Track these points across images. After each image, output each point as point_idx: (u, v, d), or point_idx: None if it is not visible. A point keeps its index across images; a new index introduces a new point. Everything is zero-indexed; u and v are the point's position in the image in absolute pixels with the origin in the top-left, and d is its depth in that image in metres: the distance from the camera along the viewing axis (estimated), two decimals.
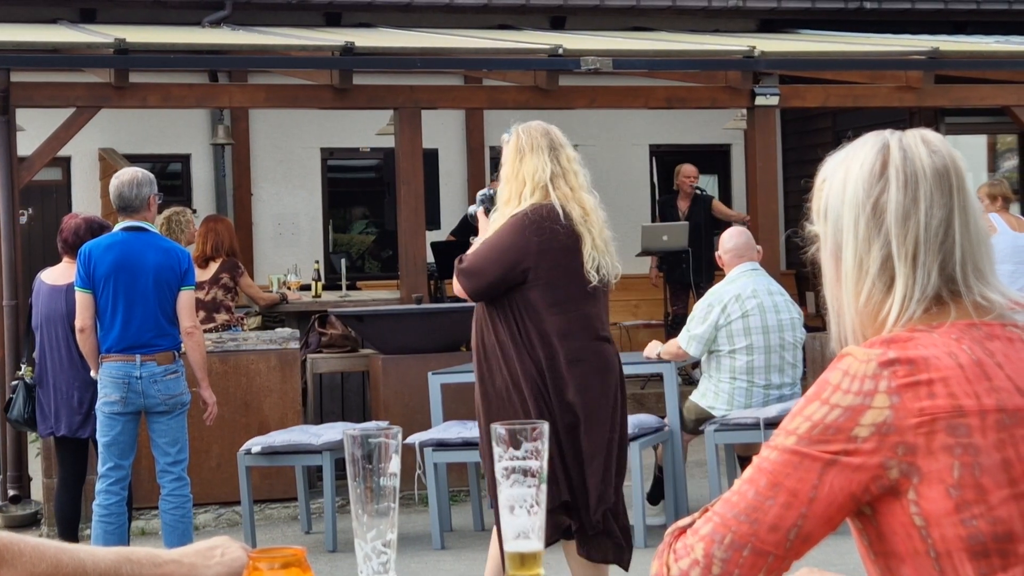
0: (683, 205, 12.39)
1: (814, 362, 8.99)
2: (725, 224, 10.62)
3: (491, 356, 4.94)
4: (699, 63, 10.70)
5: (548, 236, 4.82)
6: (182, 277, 6.55)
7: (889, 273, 1.77)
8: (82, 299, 6.52)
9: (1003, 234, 9.50)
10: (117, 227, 6.62)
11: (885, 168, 1.79)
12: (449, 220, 13.11)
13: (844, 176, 1.81)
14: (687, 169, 12.49)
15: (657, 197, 14.25)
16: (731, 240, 7.60)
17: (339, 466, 7.45)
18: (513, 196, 4.90)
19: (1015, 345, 1.76)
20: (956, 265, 1.77)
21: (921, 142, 1.81)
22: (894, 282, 1.76)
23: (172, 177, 13.45)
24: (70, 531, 7.03)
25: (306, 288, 11.09)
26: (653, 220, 13.81)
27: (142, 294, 6.47)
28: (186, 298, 6.56)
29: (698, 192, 12.47)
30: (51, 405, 7.02)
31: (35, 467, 8.77)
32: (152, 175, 6.69)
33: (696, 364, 9.14)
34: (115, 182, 6.60)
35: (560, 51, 10.00)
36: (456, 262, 5.06)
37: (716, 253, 7.79)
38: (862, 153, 1.81)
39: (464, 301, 5.13)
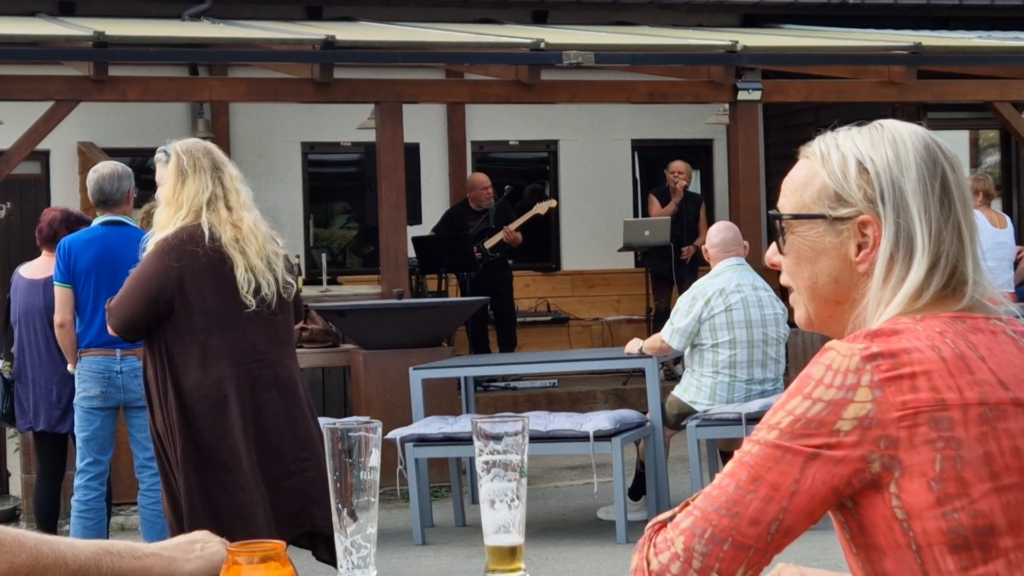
0: (668, 204, 12.30)
1: (796, 358, 9.01)
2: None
3: (151, 391, 4.84)
4: (681, 58, 10.71)
5: (189, 260, 4.67)
6: None
7: (956, 255, 1.75)
8: (61, 294, 6.48)
9: (984, 231, 9.50)
10: (96, 221, 6.60)
11: (935, 150, 1.77)
12: (431, 215, 13.11)
13: (895, 157, 1.77)
14: (673, 165, 12.48)
15: (639, 191, 14.25)
16: (718, 235, 7.61)
17: None
18: (169, 221, 4.77)
19: (998, 338, 1.75)
20: (979, 253, 1.78)
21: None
22: (959, 264, 1.75)
23: (152, 171, 13.38)
24: (49, 526, 7.00)
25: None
26: (635, 215, 13.81)
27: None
28: None
29: (688, 190, 12.47)
30: (30, 400, 6.99)
31: (14, 462, 8.74)
32: (130, 169, 6.68)
33: (678, 360, 9.15)
34: (94, 176, 6.57)
35: (542, 45, 9.99)
36: (107, 303, 4.96)
37: (703, 247, 7.80)
38: (902, 136, 1.78)
39: (445, 295, 5.09)
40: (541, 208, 12.19)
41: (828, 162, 1.80)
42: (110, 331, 4.94)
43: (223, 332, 4.73)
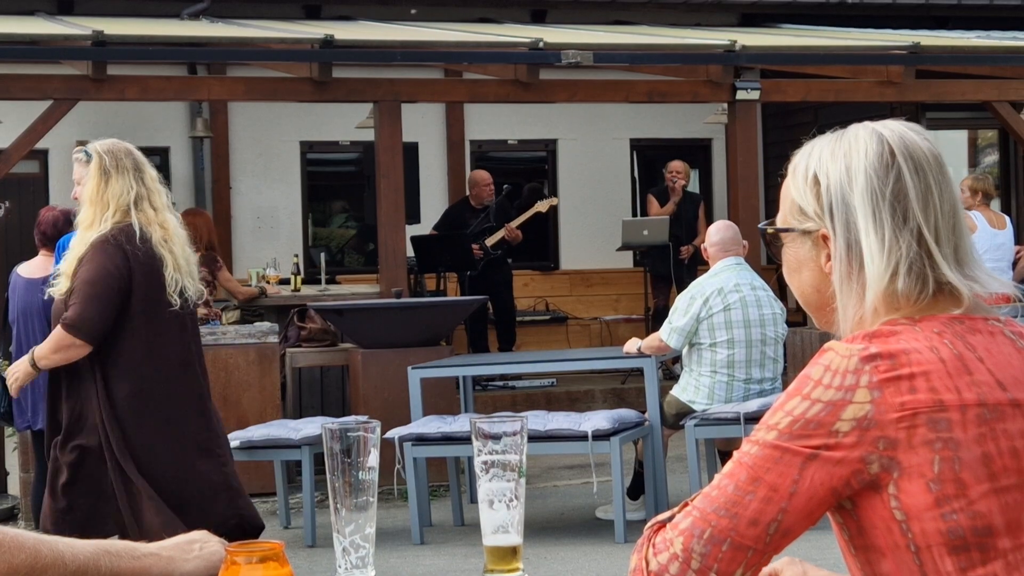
0: (667, 204, 12.29)
1: (795, 357, 9.01)
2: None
3: (62, 391, 4.83)
4: (680, 57, 10.71)
5: (132, 258, 4.74)
6: None
7: (921, 260, 1.74)
8: None
9: (982, 232, 9.48)
10: None
11: (893, 155, 1.76)
12: (429, 214, 13.10)
13: (845, 168, 1.77)
14: (672, 165, 12.47)
15: (638, 190, 14.25)
16: (717, 234, 7.60)
17: (318, 461, 7.43)
18: (96, 219, 4.79)
19: (996, 339, 1.75)
20: (966, 251, 1.76)
21: (908, 130, 1.80)
22: (925, 269, 1.74)
23: None
24: None
25: (285, 282, 11.07)
26: (634, 214, 13.81)
27: None
28: None
29: (687, 190, 12.46)
30: (28, 399, 6.98)
31: (12, 461, 8.73)
32: None
33: (677, 359, 9.15)
34: None
35: (541, 44, 9.99)
36: (62, 321, 4.80)
37: (702, 246, 7.79)
38: (859, 144, 1.78)
39: (444, 295, 5.09)
40: (543, 206, 12.19)
41: (796, 175, 1.82)
42: (73, 353, 4.76)
43: (160, 331, 4.78)
